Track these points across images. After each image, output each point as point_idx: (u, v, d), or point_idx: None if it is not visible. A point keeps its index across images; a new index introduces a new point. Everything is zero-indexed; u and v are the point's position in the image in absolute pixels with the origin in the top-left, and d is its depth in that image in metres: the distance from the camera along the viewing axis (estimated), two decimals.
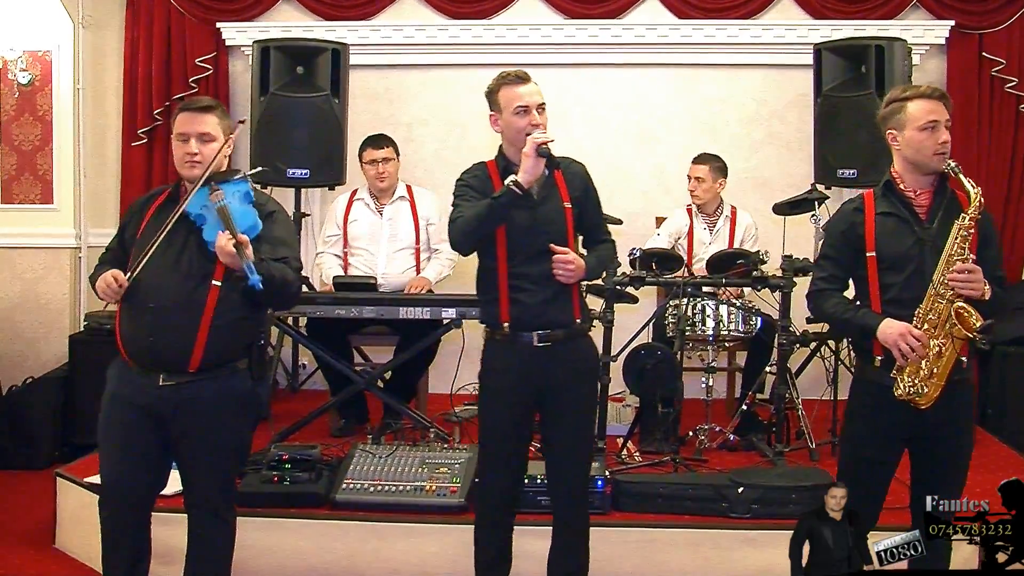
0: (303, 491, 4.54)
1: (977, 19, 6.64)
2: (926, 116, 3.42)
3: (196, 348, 3.46)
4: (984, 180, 6.52)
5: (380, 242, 5.84)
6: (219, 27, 6.95)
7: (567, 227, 3.70)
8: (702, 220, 6.20)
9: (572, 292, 3.71)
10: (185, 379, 3.48)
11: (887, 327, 3.38)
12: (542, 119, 3.66)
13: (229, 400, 3.58)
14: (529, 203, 3.64)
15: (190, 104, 3.60)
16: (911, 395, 3.35)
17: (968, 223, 3.31)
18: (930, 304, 3.34)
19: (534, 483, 4.29)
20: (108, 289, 3.43)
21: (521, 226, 3.63)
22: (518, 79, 3.70)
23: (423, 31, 6.94)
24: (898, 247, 3.43)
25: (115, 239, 3.72)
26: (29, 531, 5.03)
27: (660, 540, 4.40)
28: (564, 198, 3.72)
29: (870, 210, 3.53)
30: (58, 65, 6.74)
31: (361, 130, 6.27)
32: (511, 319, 3.67)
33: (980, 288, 3.30)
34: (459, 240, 3.72)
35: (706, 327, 5.43)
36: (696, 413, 5.52)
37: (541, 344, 3.66)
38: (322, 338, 5.57)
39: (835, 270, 3.62)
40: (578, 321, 3.73)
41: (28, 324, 6.79)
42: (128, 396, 3.52)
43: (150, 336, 3.44)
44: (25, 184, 6.77)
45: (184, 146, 3.52)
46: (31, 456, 6.05)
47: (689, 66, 7.01)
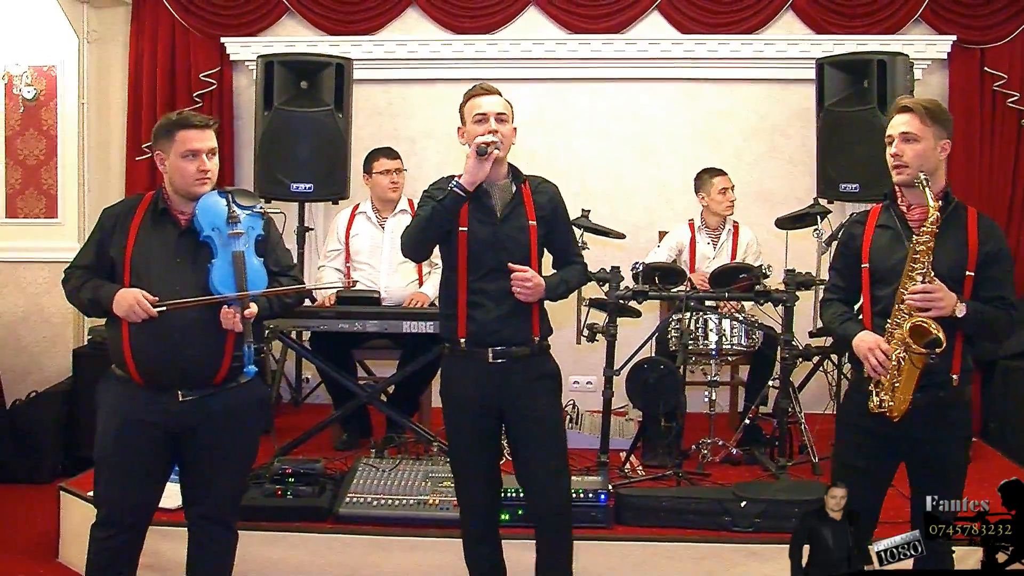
0: (306, 505, 4.55)
1: (979, 34, 6.66)
2: (888, 131, 3.47)
3: (224, 362, 3.48)
4: (986, 194, 6.56)
5: (382, 256, 5.84)
6: (223, 42, 6.97)
7: (530, 245, 3.70)
8: (705, 234, 6.21)
9: (532, 310, 3.72)
10: (208, 392, 3.49)
11: (860, 340, 3.42)
12: (501, 127, 3.68)
13: (248, 407, 3.63)
14: (492, 219, 3.67)
15: (192, 120, 3.55)
16: (881, 408, 3.36)
17: (924, 238, 3.31)
18: (896, 319, 3.36)
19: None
20: (131, 312, 3.39)
21: (483, 241, 3.65)
22: (482, 91, 3.78)
23: (427, 46, 6.96)
24: (888, 260, 3.45)
25: (91, 250, 3.62)
26: (32, 545, 5.03)
27: (663, 554, 4.41)
28: (530, 216, 3.73)
29: (870, 223, 3.56)
30: (63, 80, 6.75)
31: (365, 144, 6.28)
32: (467, 334, 3.68)
33: (943, 306, 3.28)
34: (405, 244, 3.77)
35: (709, 341, 5.44)
36: (699, 427, 5.52)
37: (496, 360, 3.67)
38: (325, 352, 5.58)
39: (838, 280, 3.67)
40: (536, 339, 3.73)
41: (32, 338, 6.79)
42: (140, 415, 3.48)
43: (178, 354, 3.43)
44: (30, 199, 6.79)
45: (195, 162, 3.50)
46: (35, 470, 6.05)
47: (692, 80, 7.02)
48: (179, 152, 3.51)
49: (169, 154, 3.53)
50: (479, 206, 3.70)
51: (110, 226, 3.60)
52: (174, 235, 3.55)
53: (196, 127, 3.52)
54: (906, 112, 3.44)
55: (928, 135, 3.40)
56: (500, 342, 3.67)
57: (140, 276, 3.47)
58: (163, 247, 3.52)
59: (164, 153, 3.55)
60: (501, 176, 3.77)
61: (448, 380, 3.81)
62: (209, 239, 3.48)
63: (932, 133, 3.40)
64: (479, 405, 3.71)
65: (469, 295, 3.67)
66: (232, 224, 3.50)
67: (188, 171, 3.50)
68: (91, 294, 3.53)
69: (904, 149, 3.40)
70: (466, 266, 3.67)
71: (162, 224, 3.56)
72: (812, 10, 6.79)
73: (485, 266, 3.66)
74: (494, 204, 3.71)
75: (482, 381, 3.69)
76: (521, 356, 3.69)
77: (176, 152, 3.51)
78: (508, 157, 3.79)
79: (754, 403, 5.53)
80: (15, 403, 6.33)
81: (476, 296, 3.66)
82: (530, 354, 3.71)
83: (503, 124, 3.71)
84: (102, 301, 3.48)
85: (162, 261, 3.49)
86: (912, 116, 3.41)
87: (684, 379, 5.26)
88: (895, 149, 3.42)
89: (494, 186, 3.74)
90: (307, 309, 5.32)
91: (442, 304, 3.82)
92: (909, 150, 3.39)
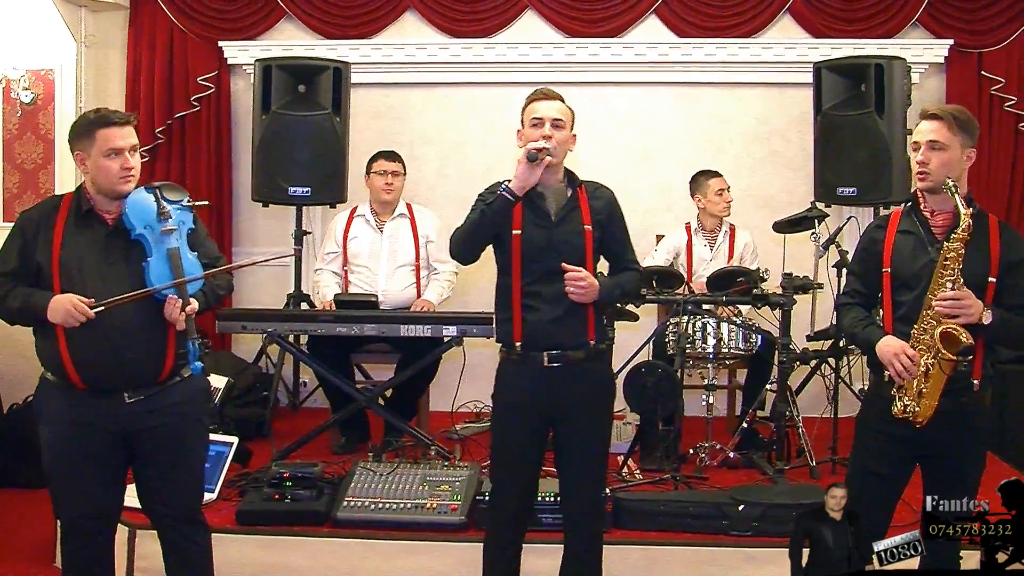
0: (304, 509, 4.54)
1: (976, 38, 6.68)
2: (914, 136, 3.47)
3: (168, 360, 3.47)
4: (983, 198, 6.53)
5: (380, 259, 5.85)
6: (221, 46, 6.99)
7: (585, 249, 3.68)
8: (702, 237, 6.22)
9: (587, 313, 3.69)
10: (153, 391, 3.47)
11: (884, 345, 3.42)
12: (556, 133, 3.65)
13: (193, 399, 3.61)
14: (547, 223, 3.66)
15: (112, 118, 3.45)
16: (906, 413, 3.37)
17: (956, 244, 3.31)
18: (923, 324, 3.36)
19: (542, 502, 4.28)
20: (69, 317, 3.31)
21: (537, 245, 3.63)
22: (542, 95, 3.75)
23: (424, 49, 6.97)
24: (911, 266, 3.45)
25: (14, 258, 3.49)
26: (30, 549, 5.02)
27: (661, 558, 4.40)
28: (585, 220, 3.71)
29: (892, 227, 3.55)
30: (61, 84, 6.75)
31: (363, 148, 6.29)
32: (523, 338, 3.67)
33: (971, 313, 3.29)
34: (453, 247, 3.75)
35: (707, 345, 5.44)
36: (697, 431, 5.53)
37: (551, 364, 3.65)
38: (323, 356, 5.57)
39: (857, 285, 3.66)
40: (592, 342, 3.70)
41: (29, 343, 6.71)
42: (88, 420, 3.44)
43: (119, 356, 3.39)
44: (27, 202, 6.74)
45: (118, 160, 3.41)
46: (32, 474, 6.00)
47: (690, 84, 7.03)
48: (101, 151, 3.42)
49: (90, 153, 3.45)
50: (534, 209, 3.68)
51: (32, 231, 3.50)
52: (102, 235, 3.48)
53: (117, 124, 3.44)
54: (934, 120, 3.42)
55: (955, 144, 3.39)
56: (555, 345, 3.64)
57: (72, 280, 3.40)
58: (92, 248, 3.46)
59: (84, 152, 3.47)
60: (557, 180, 3.74)
61: (502, 384, 3.79)
62: (142, 237, 3.43)
63: (959, 142, 3.40)
64: (531, 409, 3.70)
65: (523, 298, 3.66)
66: (163, 220, 3.44)
67: (111, 169, 3.42)
68: (20, 303, 3.45)
69: (930, 157, 3.39)
70: (520, 269, 3.66)
71: (88, 225, 3.49)
72: (810, 14, 6.80)
73: (539, 269, 3.64)
74: (549, 208, 3.69)
75: (536, 384, 3.67)
76: (576, 360, 3.66)
77: (98, 151, 3.43)
78: (566, 162, 3.77)
79: (752, 407, 5.53)
80: (12, 407, 6.32)
81: (530, 299, 3.65)
82: (585, 358, 3.68)
83: (559, 130, 3.68)
84: (34, 309, 3.39)
85: (94, 263, 3.43)
86: (940, 124, 3.40)
87: (682, 383, 5.26)
88: (921, 156, 3.41)
89: (549, 190, 3.71)
90: (305, 313, 5.32)
91: (497, 308, 3.78)
92: (935, 158, 3.38)
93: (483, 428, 6.03)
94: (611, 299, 3.84)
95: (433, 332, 5.24)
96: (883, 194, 5.85)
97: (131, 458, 3.56)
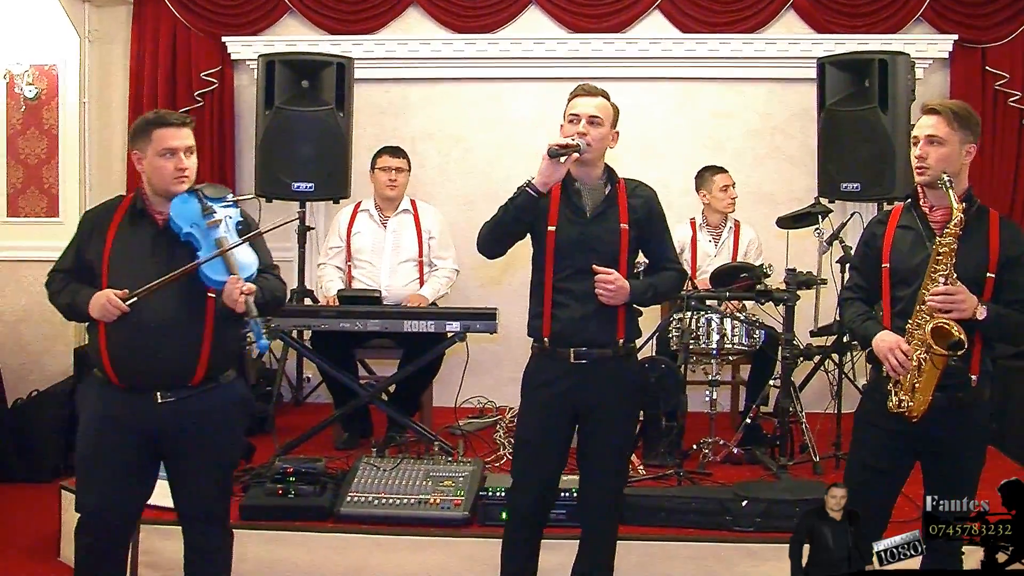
0: (307, 504, 4.54)
1: (980, 33, 6.66)
2: (914, 132, 3.47)
3: (201, 362, 3.46)
4: (987, 193, 6.55)
5: (383, 254, 5.86)
6: (224, 41, 6.98)
7: (620, 248, 3.67)
8: (707, 232, 6.22)
9: (618, 312, 3.68)
10: (185, 394, 3.47)
11: (880, 340, 3.42)
12: (592, 130, 3.65)
13: (228, 408, 3.60)
14: (582, 219, 3.65)
15: (169, 119, 3.51)
16: (901, 408, 3.37)
17: (948, 240, 3.31)
18: (916, 320, 3.36)
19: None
20: (105, 312, 3.36)
21: (571, 241, 3.63)
22: (582, 92, 3.77)
23: (428, 45, 6.96)
24: (909, 261, 3.45)
25: (71, 255, 3.61)
26: (33, 544, 5.04)
27: (664, 553, 4.41)
28: (622, 218, 3.70)
29: (892, 223, 3.56)
30: (64, 79, 6.76)
31: (366, 144, 6.29)
32: (551, 334, 3.67)
33: (964, 308, 3.29)
34: (479, 242, 3.76)
35: (710, 340, 5.44)
36: (700, 426, 5.52)
37: (578, 361, 3.65)
38: (326, 351, 5.57)
39: (859, 280, 3.67)
40: (620, 341, 3.70)
41: (33, 337, 6.80)
42: (119, 417, 3.46)
43: (153, 354, 3.40)
44: (31, 198, 6.79)
45: (173, 160, 3.45)
46: (36, 469, 6.05)
47: (693, 80, 7.02)
48: (156, 151, 3.47)
49: (147, 153, 3.50)
50: (569, 205, 3.67)
51: (89, 229, 3.58)
52: (151, 235, 3.51)
53: (173, 125, 3.48)
54: (933, 115, 3.42)
55: (954, 139, 3.39)
56: (583, 343, 3.64)
57: (119, 278, 3.43)
58: (140, 247, 3.49)
59: (141, 152, 3.52)
60: (595, 177, 3.74)
61: (529, 378, 3.79)
62: (191, 236, 3.44)
63: (958, 137, 3.39)
64: (556, 404, 3.69)
65: (554, 294, 3.66)
66: (208, 215, 3.45)
67: (166, 169, 3.46)
68: (69, 299, 3.51)
69: (929, 151, 3.40)
70: (552, 264, 3.65)
71: (140, 225, 3.53)
72: (813, 9, 6.79)
73: (572, 266, 3.63)
74: (585, 204, 3.68)
75: (563, 380, 3.66)
76: (602, 358, 3.66)
77: (153, 151, 3.48)
78: (607, 159, 3.78)
79: (755, 402, 5.52)
80: (16, 402, 6.34)
81: (561, 295, 3.65)
82: (612, 356, 3.68)
83: (596, 127, 3.68)
84: (79, 306, 3.45)
85: (140, 261, 3.45)
86: (939, 119, 3.40)
87: (685, 378, 5.27)
88: (919, 151, 3.41)
89: (586, 187, 3.72)
90: (308, 308, 5.31)
91: (530, 302, 3.78)
92: (934, 152, 3.39)
93: (486, 424, 6.05)
94: (643, 301, 3.79)
95: (436, 328, 5.24)
96: (886, 190, 5.85)
97: (161, 459, 3.57)
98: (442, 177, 6.91)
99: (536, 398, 3.75)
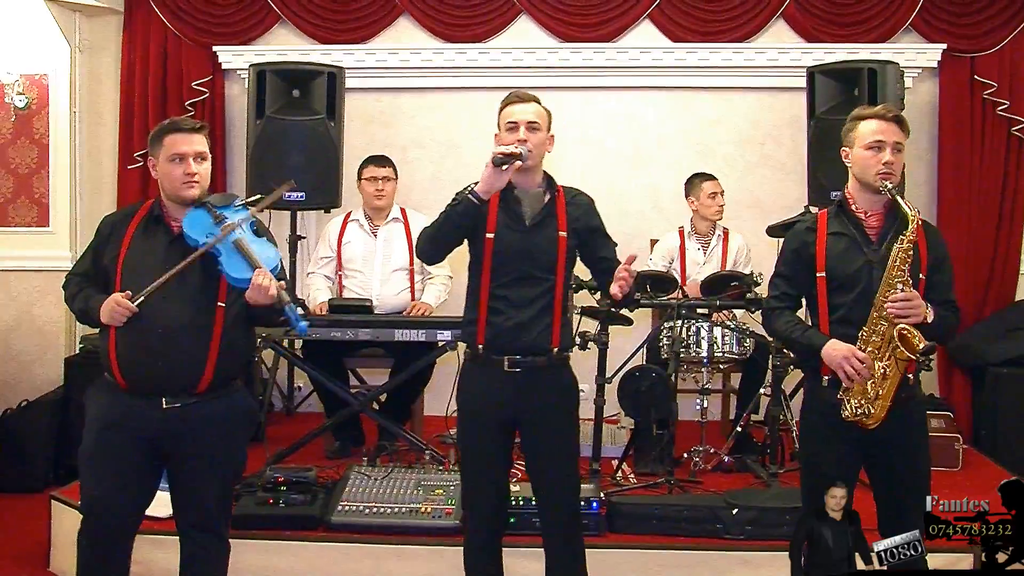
0: (298, 513, 4.54)
1: (969, 43, 6.69)
2: (872, 135, 3.49)
3: (207, 370, 3.47)
4: (976, 202, 6.60)
5: (374, 263, 5.86)
6: (215, 50, 6.97)
7: (558, 256, 3.65)
8: (695, 240, 6.22)
9: (553, 319, 3.65)
10: (191, 401, 3.47)
11: (831, 349, 3.42)
12: (532, 136, 3.63)
13: (233, 418, 3.61)
14: (521, 227, 3.64)
15: (180, 124, 3.55)
16: (858, 416, 3.38)
17: (906, 246, 3.33)
18: (873, 326, 3.37)
19: (529, 505, 4.27)
20: (114, 315, 3.38)
21: (509, 248, 3.62)
22: (516, 99, 3.72)
23: (418, 54, 6.96)
24: (847, 268, 3.47)
25: (88, 259, 3.66)
26: (24, 554, 5.02)
27: (655, 561, 4.41)
28: (561, 227, 3.68)
29: (822, 230, 3.57)
30: (54, 89, 6.75)
31: (357, 153, 6.29)
32: (485, 341, 3.66)
33: (920, 313, 3.32)
34: (419, 245, 3.75)
35: (700, 349, 5.45)
36: (691, 435, 5.53)
37: (512, 369, 3.62)
38: (318, 360, 5.58)
39: (787, 288, 3.66)
40: (555, 349, 3.67)
41: (23, 347, 6.78)
42: (122, 421, 3.47)
43: (159, 359, 3.41)
44: (21, 207, 6.78)
45: (182, 166, 3.48)
46: (26, 478, 6.03)
47: (683, 89, 7.03)
48: (167, 155, 3.50)
49: (159, 159, 3.53)
50: (508, 212, 3.66)
51: (106, 234, 3.61)
52: (164, 242, 3.53)
53: (184, 131, 3.51)
54: (896, 122, 3.49)
55: (904, 146, 3.50)
56: (518, 350, 3.62)
57: (131, 283, 3.44)
58: (153, 254, 3.51)
59: (155, 158, 3.56)
60: (534, 184, 3.72)
61: (465, 387, 3.79)
62: (209, 246, 3.45)
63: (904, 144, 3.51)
64: (494, 414, 3.68)
65: (490, 301, 3.64)
66: (220, 222, 3.48)
67: (175, 174, 3.49)
68: (83, 304, 3.54)
69: (897, 159, 3.45)
70: (490, 272, 3.64)
71: (155, 231, 3.55)
72: (803, 18, 6.81)
73: (510, 273, 3.62)
74: (524, 212, 3.67)
75: (497, 389, 3.65)
76: (537, 366, 3.63)
77: (164, 156, 3.51)
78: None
79: (746, 411, 5.53)
80: (6, 412, 6.31)
81: (497, 302, 3.63)
82: (547, 365, 3.66)
83: (535, 133, 3.66)
84: (91, 312, 3.48)
85: (152, 267, 3.46)
86: (900, 128, 3.49)
87: (676, 387, 5.26)
88: (889, 157, 3.44)
89: (526, 194, 3.70)
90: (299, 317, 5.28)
91: (465, 309, 3.78)
92: (898, 160, 3.46)
93: None
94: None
95: (427, 336, 5.25)
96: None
97: (163, 466, 3.57)
98: (434, 186, 6.89)
99: (474, 408, 3.74)
